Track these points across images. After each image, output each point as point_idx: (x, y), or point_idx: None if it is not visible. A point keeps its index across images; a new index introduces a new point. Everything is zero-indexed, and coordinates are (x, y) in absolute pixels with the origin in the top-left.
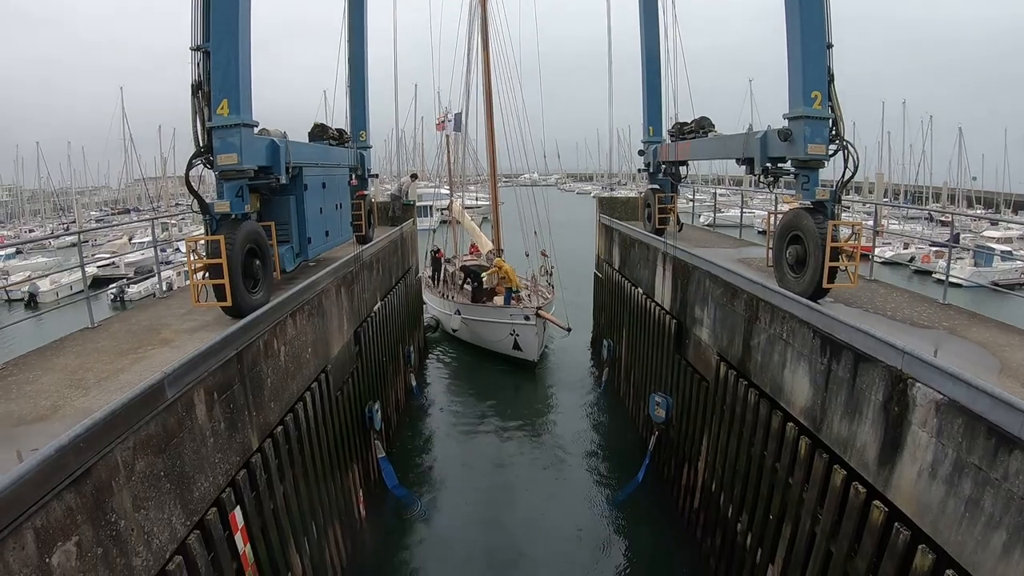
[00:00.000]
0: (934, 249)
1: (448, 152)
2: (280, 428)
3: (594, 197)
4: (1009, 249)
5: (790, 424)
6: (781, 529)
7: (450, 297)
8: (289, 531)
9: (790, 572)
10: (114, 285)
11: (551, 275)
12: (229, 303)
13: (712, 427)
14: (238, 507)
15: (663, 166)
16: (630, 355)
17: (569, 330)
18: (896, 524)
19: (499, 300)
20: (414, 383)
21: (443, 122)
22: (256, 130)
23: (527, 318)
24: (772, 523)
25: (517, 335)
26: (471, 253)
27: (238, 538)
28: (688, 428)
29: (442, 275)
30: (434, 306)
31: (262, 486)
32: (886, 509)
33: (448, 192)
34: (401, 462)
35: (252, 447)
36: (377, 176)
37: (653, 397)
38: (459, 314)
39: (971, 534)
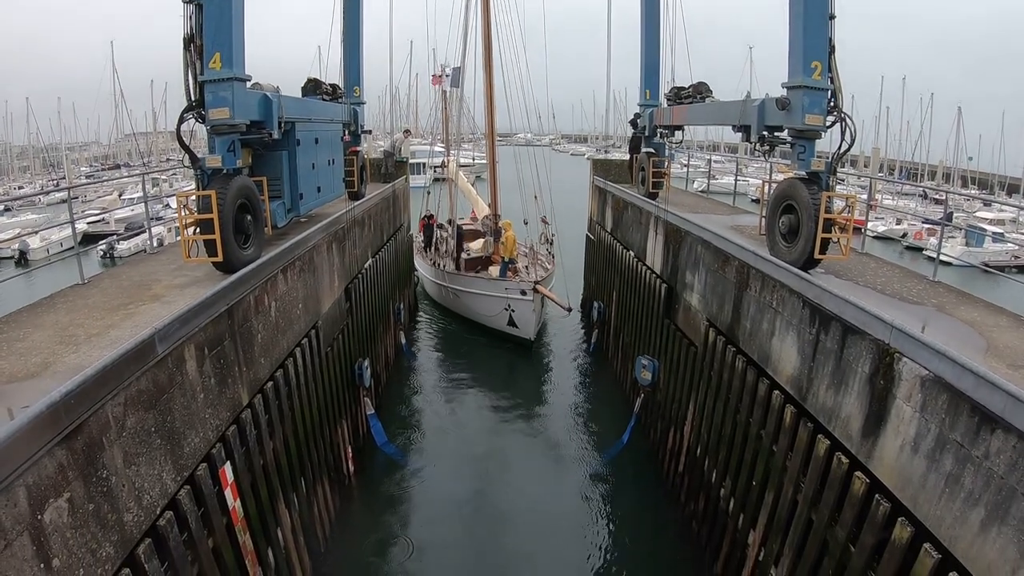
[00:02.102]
0: (927, 226)
1: (445, 109)
2: (270, 384)
3: (588, 159)
4: (1001, 231)
5: (776, 392)
6: (764, 496)
7: (441, 266)
8: (279, 487)
9: (771, 538)
10: (104, 241)
11: (551, 244)
12: (220, 259)
13: (699, 392)
14: (228, 463)
15: (658, 130)
16: (619, 318)
17: (570, 310)
18: (877, 496)
19: (494, 271)
20: (404, 341)
21: (440, 76)
22: (249, 84)
23: (524, 293)
24: (755, 489)
25: (513, 311)
26: (471, 219)
27: (228, 493)
28: (675, 392)
29: (434, 241)
30: (425, 274)
31: (252, 442)
32: (868, 480)
33: (441, 149)
34: (390, 419)
35: (242, 403)
36: (370, 132)
37: (639, 360)
38: (449, 284)
39: (950, 509)
